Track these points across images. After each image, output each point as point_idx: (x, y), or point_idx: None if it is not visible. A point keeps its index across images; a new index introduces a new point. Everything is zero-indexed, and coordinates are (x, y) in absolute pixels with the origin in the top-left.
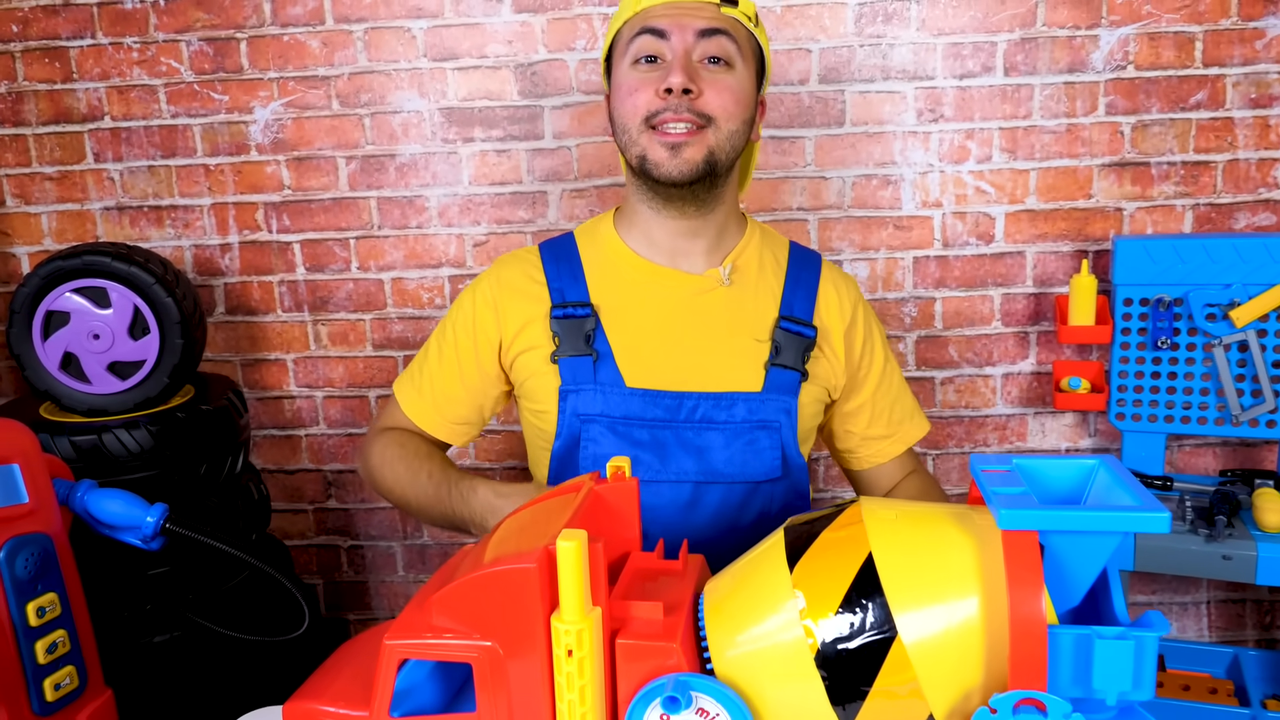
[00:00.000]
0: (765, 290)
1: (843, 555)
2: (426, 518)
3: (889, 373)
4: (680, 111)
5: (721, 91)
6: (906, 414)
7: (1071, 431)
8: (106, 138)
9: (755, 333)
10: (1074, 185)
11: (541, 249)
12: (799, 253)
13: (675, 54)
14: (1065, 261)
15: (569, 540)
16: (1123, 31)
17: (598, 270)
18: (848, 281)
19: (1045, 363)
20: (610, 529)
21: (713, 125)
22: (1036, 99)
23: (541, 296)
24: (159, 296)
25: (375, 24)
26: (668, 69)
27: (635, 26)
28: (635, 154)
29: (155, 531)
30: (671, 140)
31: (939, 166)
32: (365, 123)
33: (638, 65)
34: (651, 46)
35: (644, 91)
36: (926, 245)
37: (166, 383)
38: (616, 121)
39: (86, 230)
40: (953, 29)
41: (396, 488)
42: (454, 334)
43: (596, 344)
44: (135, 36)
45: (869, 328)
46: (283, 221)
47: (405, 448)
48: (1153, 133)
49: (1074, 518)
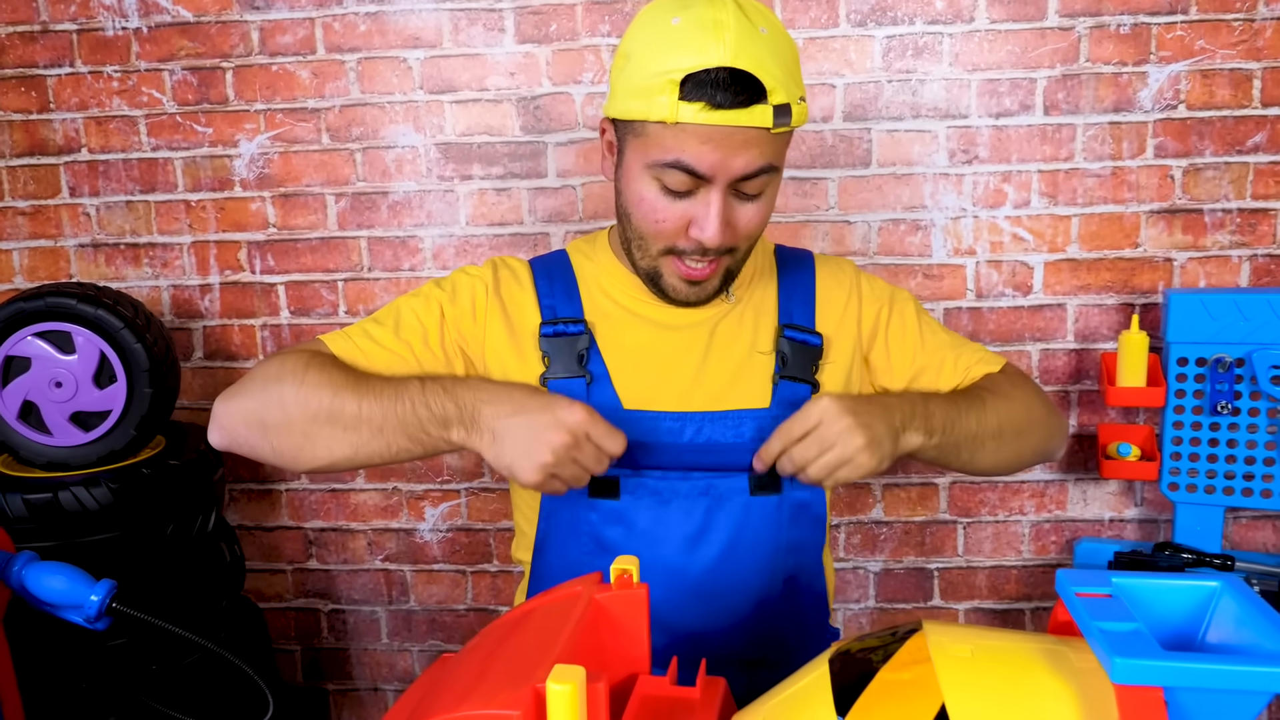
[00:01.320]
0: (762, 299)
1: (907, 705)
2: (356, 440)
3: (929, 328)
4: (708, 255)
5: (750, 220)
6: (976, 357)
7: (1116, 501)
8: (83, 171)
9: (757, 345)
10: (1119, 233)
11: (533, 264)
12: (786, 255)
13: (713, 205)
14: (1110, 315)
15: (563, 682)
16: (1173, 68)
17: (593, 287)
18: (843, 267)
19: (1088, 425)
20: (614, 647)
21: (735, 250)
22: (1079, 140)
23: (529, 312)
24: (127, 342)
25: (369, 54)
26: (702, 209)
27: (668, 150)
28: (647, 266)
29: (100, 611)
30: (693, 276)
31: (973, 211)
32: (356, 158)
33: (664, 190)
34: (686, 184)
35: (671, 223)
36: (959, 296)
37: (133, 435)
38: (630, 222)
39: (60, 268)
40: (988, 64)
41: (306, 401)
42: (417, 312)
43: (592, 365)
44: (116, 65)
45: (878, 292)
46: (267, 262)
47: (313, 360)
48: (1206, 177)
49: (1214, 672)
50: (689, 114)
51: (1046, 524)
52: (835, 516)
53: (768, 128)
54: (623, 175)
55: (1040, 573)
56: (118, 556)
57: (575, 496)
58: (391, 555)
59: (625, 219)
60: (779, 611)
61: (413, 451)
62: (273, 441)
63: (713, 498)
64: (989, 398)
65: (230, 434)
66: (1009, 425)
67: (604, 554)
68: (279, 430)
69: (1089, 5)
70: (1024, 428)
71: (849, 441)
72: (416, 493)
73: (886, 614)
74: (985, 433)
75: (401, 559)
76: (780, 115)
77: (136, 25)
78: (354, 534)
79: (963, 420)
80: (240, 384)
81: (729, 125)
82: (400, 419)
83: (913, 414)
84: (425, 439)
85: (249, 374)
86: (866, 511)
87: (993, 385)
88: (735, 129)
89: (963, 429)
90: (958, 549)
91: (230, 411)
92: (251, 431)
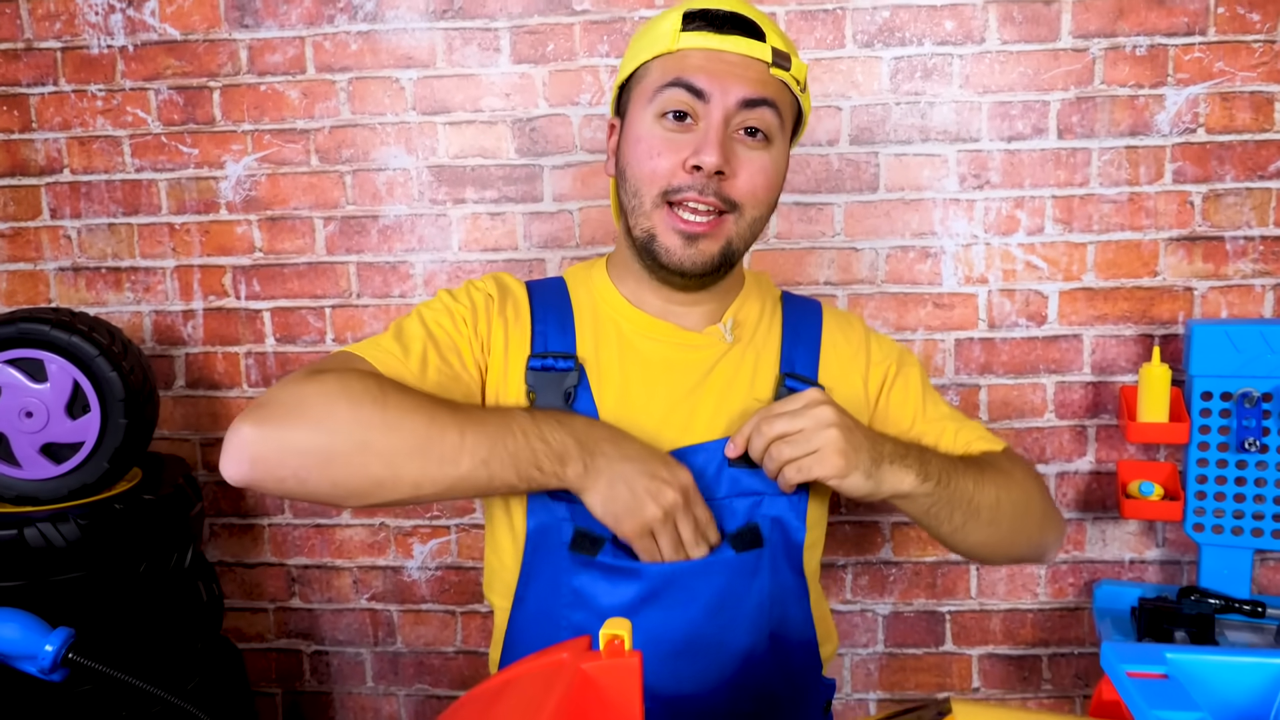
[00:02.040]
0: (766, 345)
1: None
2: (454, 474)
3: (931, 399)
4: (705, 193)
5: (755, 174)
6: (977, 434)
7: (1137, 541)
8: (65, 192)
9: (755, 390)
10: (1137, 261)
11: (529, 287)
12: (794, 303)
13: (711, 122)
14: (1128, 347)
15: None
16: (1192, 91)
17: (588, 319)
18: (852, 323)
19: (1106, 461)
20: None
21: (736, 212)
22: (1094, 165)
23: (521, 339)
24: (102, 370)
25: (360, 74)
26: (700, 137)
27: (668, 72)
28: (643, 228)
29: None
30: (688, 230)
31: (984, 238)
32: (346, 180)
33: (664, 119)
34: (685, 103)
35: (668, 157)
36: (970, 326)
37: (106, 468)
38: (626, 176)
39: (39, 292)
40: (1000, 86)
41: (394, 428)
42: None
43: (579, 404)
44: (100, 84)
45: (887, 354)
46: (252, 287)
47: (384, 383)
48: (1227, 203)
49: None
50: (689, 40)
51: (1064, 565)
52: (842, 556)
53: (766, 61)
54: (624, 138)
55: (1058, 616)
56: (86, 596)
57: (558, 546)
58: (378, 594)
59: (622, 180)
60: (767, 666)
61: (514, 489)
62: (337, 474)
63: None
64: (989, 471)
65: (270, 467)
66: (1006, 504)
67: (583, 609)
68: (352, 462)
69: (1104, 26)
70: (1022, 512)
71: (829, 443)
72: (404, 529)
73: (896, 659)
74: (982, 502)
75: (388, 598)
76: (779, 58)
77: (122, 43)
78: (339, 571)
79: (960, 480)
80: (276, 409)
81: (728, 50)
82: (510, 452)
83: (906, 452)
84: (536, 475)
85: (282, 397)
86: (875, 551)
87: (994, 461)
88: (734, 55)
89: (959, 489)
90: (970, 591)
91: (272, 441)
92: (308, 463)
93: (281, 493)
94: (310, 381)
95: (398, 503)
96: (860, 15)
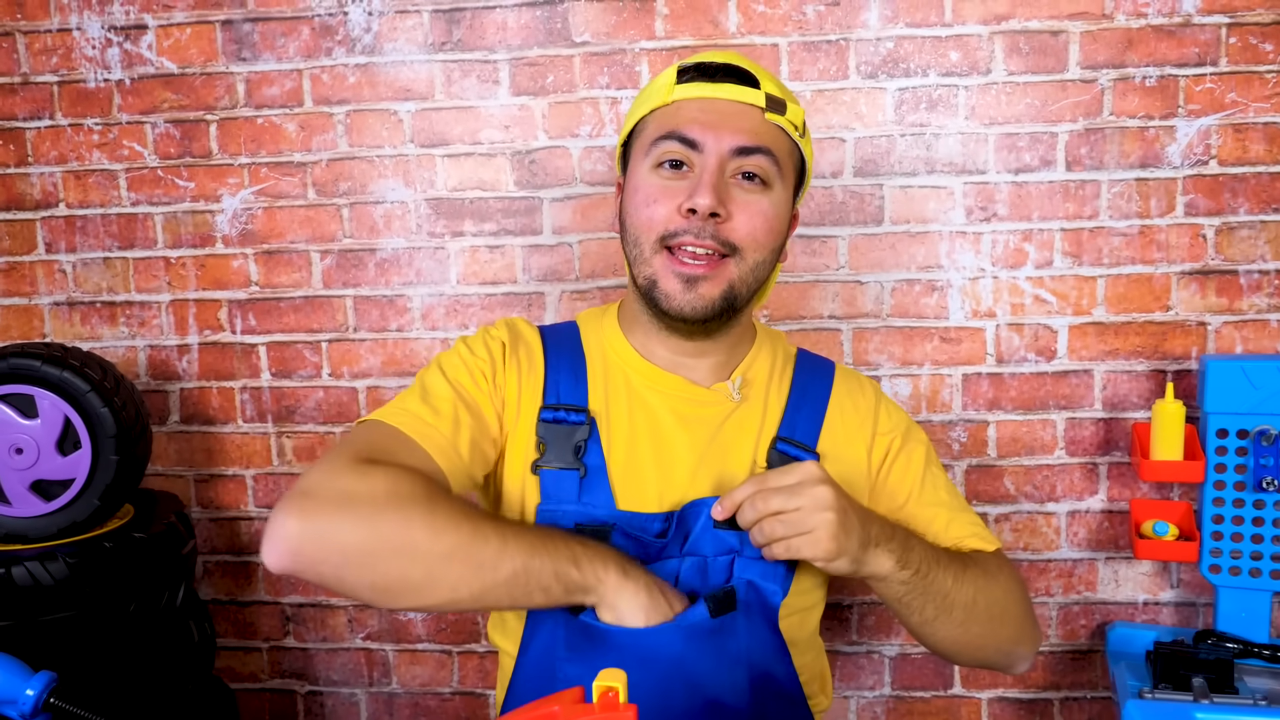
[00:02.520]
0: (772, 407)
1: None
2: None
3: (931, 481)
4: (702, 236)
5: (753, 216)
6: (970, 530)
7: (1150, 582)
8: (60, 226)
9: (756, 455)
10: (1149, 295)
11: (543, 333)
12: (807, 362)
13: (706, 168)
14: (1140, 383)
15: None
16: (1203, 122)
17: (599, 370)
18: (864, 388)
19: (1118, 500)
20: None
21: (737, 256)
22: (1104, 197)
23: (535, 388)
24: (93, 406)
25: (358, 106)
26: (695, 182)
27: (664, 125)
28: (645, 275)
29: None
30: (688, 272)
31: (992, 271)
32: (343, 213)
33: (660, 170)
34: (679, 153)
35: (664, 204)
36: (978, 361)
37: (97, 505)
38: (627, 228)
39: (33, 327)
40: (1007, 118)
41: (439, 534)
42: (461, 375)
43: (589, 457)
44: (97, 118)
45: (895, 425)
46: (248, 321)
47: (432, 488)
48: (1240, 236)
49: None
50: (684, 91)
51: (1075, 606)
52: (847, 596)
53: (760, 107)
54: (625, 192)
55: (1070, 659)
56: (75, 636)
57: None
58: (373, 633)
59: (624, 231)
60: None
61: (550, 594)
62: (377, 575)
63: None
64: (972, 567)
65: (312, 562)
66: (983, 603)
67: (577, 664)
68: (392, 564)
69: (1112, 57)
70: (999, 614)
71: (823, 526)
72: None
73: (904, 703)
74: (959, 598)
75: (384, 638)
76: (773, 103)
77: (119, 77)
78: (334, 610)
79: (939, 573)
80: (322, 503)
81: (721, 98)
82: (540, 572)
83: (892, 535)
84: (558, 595)
85: (328, 490)
86: None
87: (980, 562)
88: (727, 103)
89: (936, 582)
90: None
91: (316, 536)
92: (349, 561)
93: (319, 583)
94: (359, 477)
95: (433, 608)
96: (864, 46)
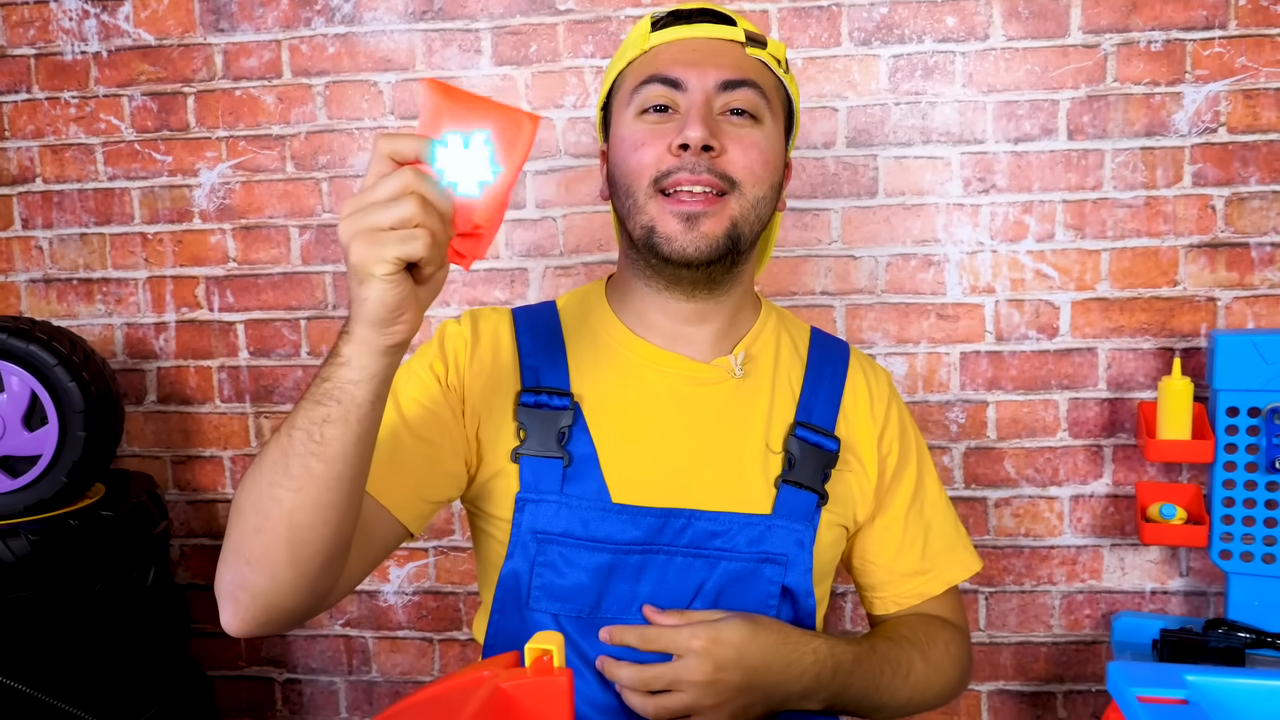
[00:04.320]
0: (782, 387)
1: None
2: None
3: (926, 489)
4: (698, 171)
5: (748, 149)
6: (947, 544)
7: (1158, 570)
8: (37, 202)
9: (768, 439)
10: (1155, 269)
11: (515, 315)
12: (822, 342)
13: (693, 104)
14: (1146, 361)
15: None
16: (1211, 88)
17: (584, 352)
18: (880, 377)
19: (1124, 483)
20: None
21: (736, 190)
22: (1108, 167)
23: (509, 374)
24: (60, 380)
25: (338, 77)
26: (682, 120)
27: (642, 72)
28: (641, 224)
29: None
30: (687, 209)
31: (990, 245)
32: (322, 187)
33: (645, 115)
34: (663, 96)
35: (653, 146)
36: (976, 338)
37: (65, 482)
38: (617, 183)
39: (10, 305)
40: (1006, 85)
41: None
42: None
43: (574, 445)
44: (74, 91)
45: (903, 433)
46: (225, 298)
47: None
48: (1252, 208)
49: None
50: (659, 37)
51: (1079, 595)
52: (841, 584)
53: (740, 41)
54: (612, 144)
55: (1074, 651)
56: (38, 616)
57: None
58: (352, 620)
59: (615, 188)
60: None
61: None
62: (249, 548)
63: None
64: (916, 666)
65: (231, 599)
66: (917, 698)
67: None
68: (244, 538)
69: (1116, 21)
70: (929, 702)
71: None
72: None
73: None
74: (891, 705)
75: (363, 624)
76: (753, 38)
77: (96, 49)
78: None
79: (876, 694)
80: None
81: (700, 37)
82: (305, 394)
83: (826, 686)
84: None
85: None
86: None
87: (929, 647)
88: (708, 40)
89: (871, 702)
90: (979, 622)
91: (220, 577)
92: (236, 574)
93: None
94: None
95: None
96: (856, 12)
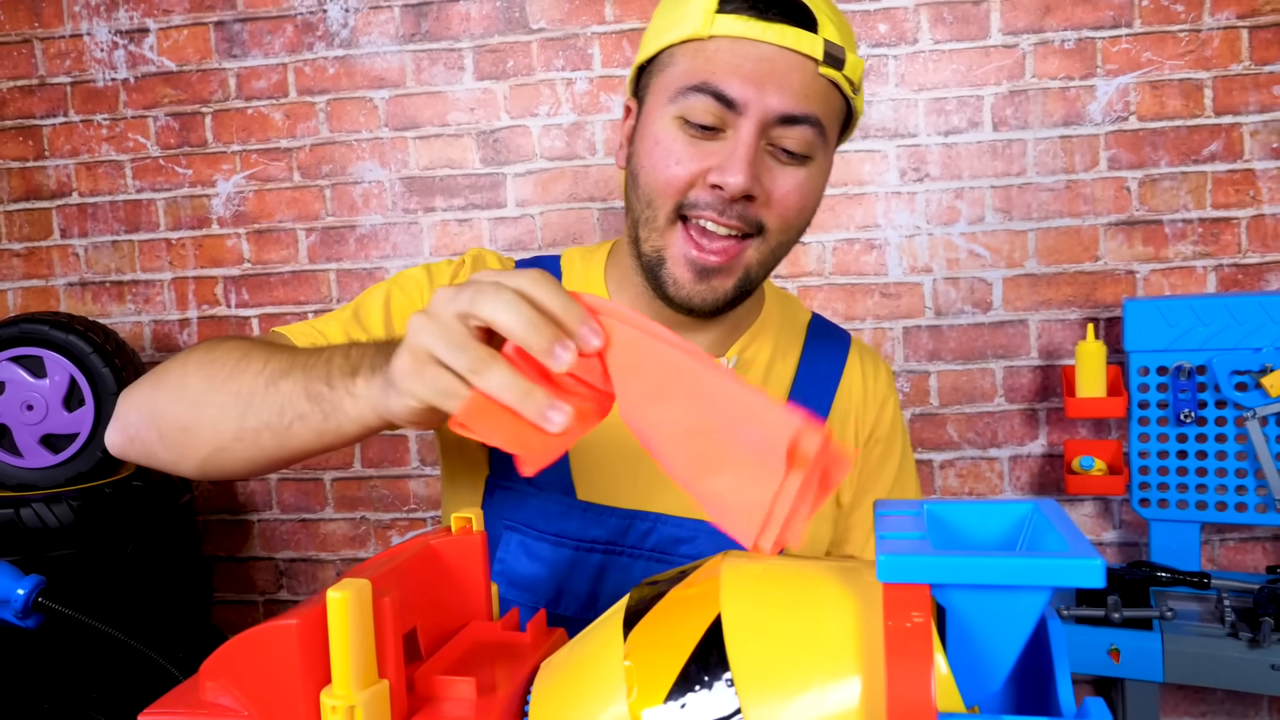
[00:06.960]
0: (773, 389)
1: (685, 620)
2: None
3: (903, 481)
4: (727, 215)
5: (788, 194)
6: None
7: (1093, 523)
8: (73, 214)
9: None
10: (1078, 246)
11: (520, 267)
12: (821, 330)
13: (741, 138)
14: (1073, 330)
15: (340, 590)
16: (1121, 80)
17: None
18: (880, 372)
19: (1057, 444)
20: (448, 594)
21: (760, 237)
22: (1030, 155)
23: None
24: (95, 366)
25: (337, 95)
26: (727, 151)
27: (697, 72)
28: (653, 245)
29: (26, 606)
30: (702, 263)
31: (927, 229)
32: (326, 193)
33: (686, 126)
34: (714, 115)
35: (687, 166)
36: (917, 314)
37: (100, 457)
38: (638, 179)
39: (50, 306)
40: (934, 84)
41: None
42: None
43: None
44: (105, 114)
45: (892, 433)
46: (241, 295)
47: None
48: (1163, 188)
49: (975, 567)
50: (725, 25)
51: None
52: None
53: (816, 59)
54: (640, 132)
55: None
56: (78, 573)
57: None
58: None
59: (634, 183)
60: None
61: (299, 444)
62: (162, 425)
63: None
64: None
65: (123, 428)
66: None
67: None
68: (171, 407)
69: (1032, 22)
70: None
71: None
72: (384, 521)
73: None
74: None
75: None
76: (831, 55)
77: (124, 76)
78: (323, 564)
79: None
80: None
81: (771, 44)
82: (305, 367)
83: None
84: (317, 423)
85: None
86: None
87: None
88: (778, 52)
89: None
90: None
91: (127, 399)
92: (143, 418)
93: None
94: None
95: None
96: None
